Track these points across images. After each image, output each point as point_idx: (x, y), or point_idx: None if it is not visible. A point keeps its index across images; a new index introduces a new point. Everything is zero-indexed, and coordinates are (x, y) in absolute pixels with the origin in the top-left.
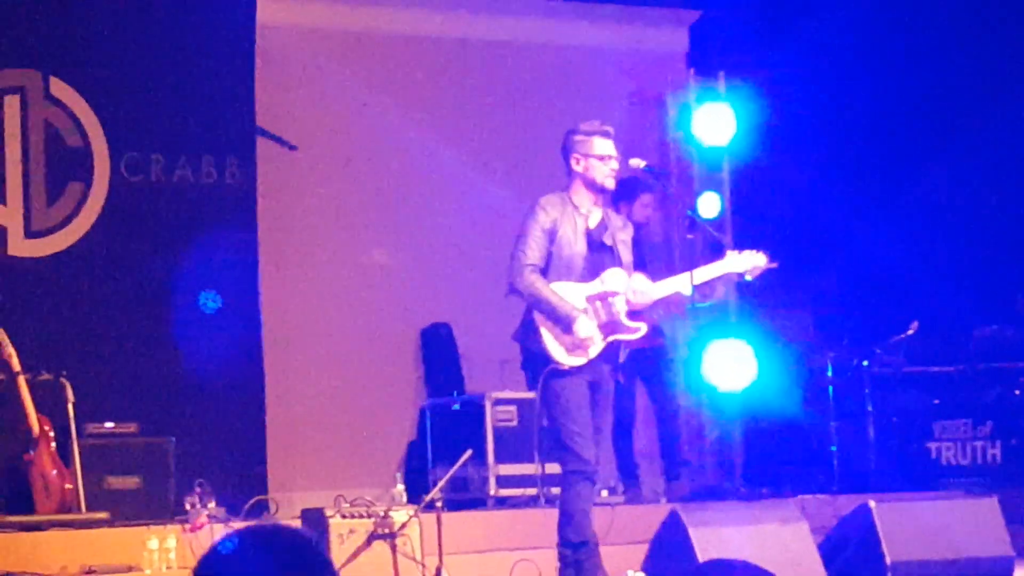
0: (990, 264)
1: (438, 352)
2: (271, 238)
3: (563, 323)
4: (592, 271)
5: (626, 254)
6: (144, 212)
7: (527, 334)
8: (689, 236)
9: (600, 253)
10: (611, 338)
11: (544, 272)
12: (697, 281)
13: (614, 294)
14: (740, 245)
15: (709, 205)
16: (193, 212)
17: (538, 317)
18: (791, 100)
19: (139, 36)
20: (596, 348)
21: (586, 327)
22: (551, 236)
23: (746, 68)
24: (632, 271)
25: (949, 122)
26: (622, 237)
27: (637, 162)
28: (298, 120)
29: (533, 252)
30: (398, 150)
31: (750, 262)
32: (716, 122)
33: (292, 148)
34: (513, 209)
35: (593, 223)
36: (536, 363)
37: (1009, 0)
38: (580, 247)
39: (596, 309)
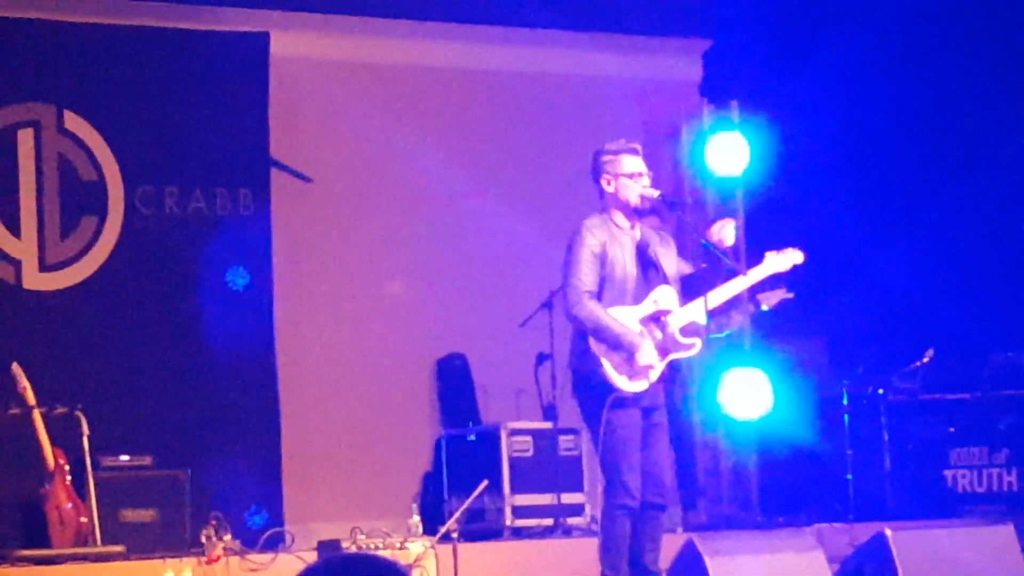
0: (1006, 290)
1: (453, 382)
2: (285, 270)
3: (626, 350)
4: (641, 291)
5: (670, 267)
6: (158, 245)
7: (585, 362)
8: (703, 266)
9: (647, 271)
10: (669, 358)
11: (598, 297)
12: (714, 304)
13: (667, 312)
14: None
15: (725, 235)
16: (207, 245)
17: (595, 344)
18: (804, 128)
19: (153, 69)
20: (656, 372)
21: (649, 353)
22: (602, 260)
23: (759, 97)
24: (676, 284)
25: (964, 148)
26: (663, 251)
27: (651, 192)
28: (312, 152)
29: (588, 277)
30: (412, 181)
31: (789, 260)
32: (730, 151)
33: (307, 180)
34: (529, 238)
35: (636, 242)
36: (596, 391)
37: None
38: (631, 268)
39: (651, 331)
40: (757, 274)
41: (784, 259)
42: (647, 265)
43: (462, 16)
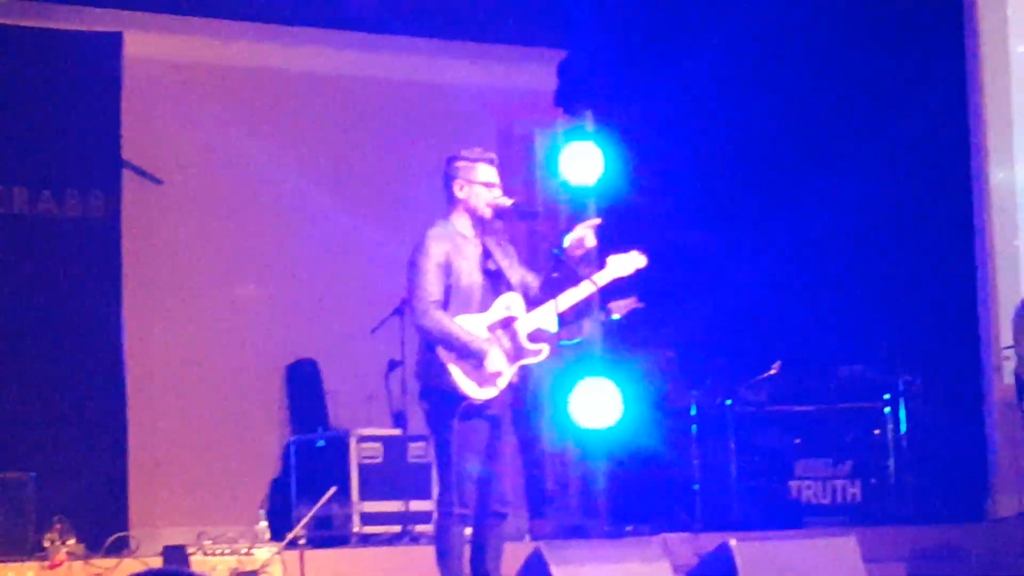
0: (853, 304)
1: (303, 388)
2: (136, 272)
3: (474, 358)
4: (487, 298)
5: (514, 276)
6: (7, 246)
7: (432, 371)
8: (555, 275)
9: (492, 279)
10: (518, 364)
11: (444, 306)
12: (563, 307)
13: (514, 319)
14: (606, 287)
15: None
16: (57, 245)
17: (443, 353)
18: (657, 138)
19: (3, 67)
20: (505, 379)
21: (497, 360)
22: (447, 269)
23: (613, 107)
24: (520, 291)
25: (813, 161)
26: (506, 259)
27: (504, 201)
28: (164, 154)
29: (433, 288)
30: (265, 185)
31: (632, 264)
32: (583, 160)
33: (158, 182)
34: (381, 245)
35: (480, 250)
36: (444, 400)
37: (872, 38)
38: (476, 276)
39: (499, 338)
40: (602, 279)
41: (627, 262)
42: (491, 273)
43: (319, 21)
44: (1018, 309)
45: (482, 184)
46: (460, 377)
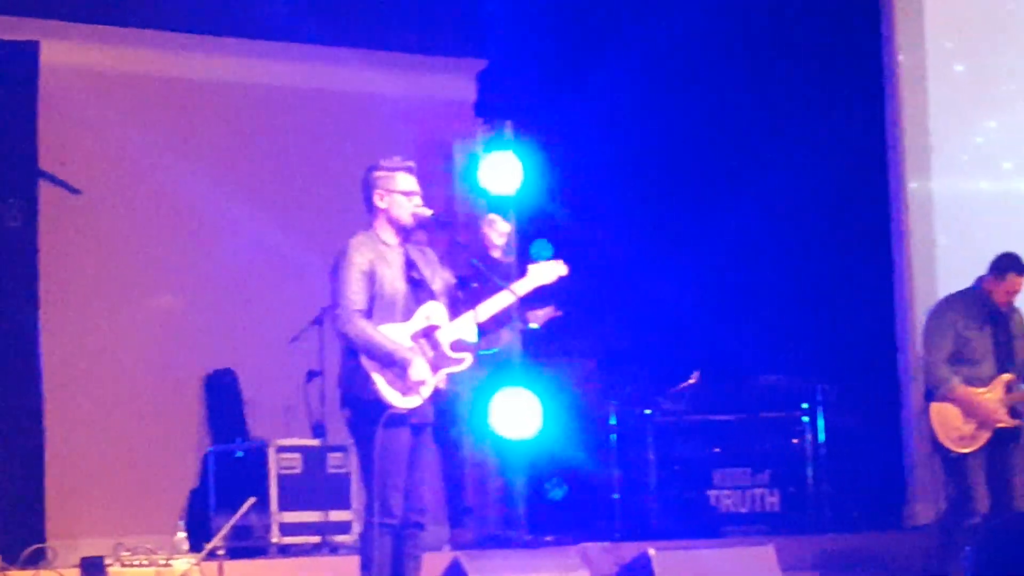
0: (771, 315)
1: (222, 398)
2: (53, 282)
3: (398, 366)
4: (411, 307)
5: (437, 283)
6: None
7: (356, 379)
8: (474, 285)
9: (415, 288)
10: (441, 373)
11: (368, 315)
12: (482, 317)
13: (437, 328)
14: (525, 296)
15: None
16: None
17: (367, 362)
18: (577, 148)
19: None
20: (429, 387)
21: (421, 369)
22: (371, 278)
23: (533, 117)
24: (444, 300)
25: (731, 172)
26: (429, 267)
27: (424, 211)
28: (82, 164)
29: (357, 296)
30: (183, 195)
31: (553, 272)
32: (503, 171)
33: (75, 192)
34: (300, 255)
35: (403, 259)
36: (368, 409)
37: (790, 48)
38: (400, 285)
39: (423, 347)
40: (521, 288)
41: (547, 271)
42: (415, 281)
43: (237, 30)
44: (927, 316)
45: (402, 193)
46: (384, 386)
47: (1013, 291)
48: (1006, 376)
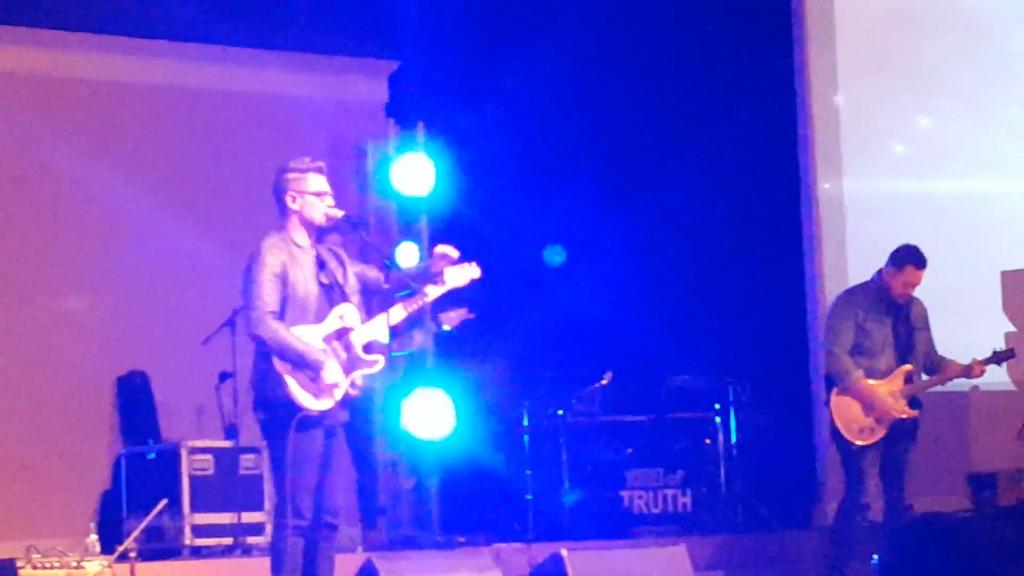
0: (683, 315)
1: (134, 400)
2: None
3: (311, 368)
4: (323, 309)
5: (350, 286)
6: None
7: (268, 381)
8: (386, 286)
9: (328, 290)
10: (353, 375)
11: (280, 317)
12: (395, 319)
13: (350, 330)
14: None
15: (407, 256)
16: None
17: (279, 364)
18: (489, 150)
19: None
20: (342, 389)
21: (334, 371)
22: (283, 279)
23: (445, 119)
24: (356, 300)
25: (641, 173)
26: (341, 269)
27: (336, 212)
28: None
29: (269, 297)
30: (92, 196)
31: (467, 275)
32: (415, 172)
33: None
34: (211, 256)
35: (315, 261)
36: (280, 411)
37: (699, 50)
38: (312, 286)
39: (335, 348)
40: (436, 291)
41: (462, 274)
42: (327, 283)
43: (147, 31)
44: (829, 308)
45: (313, 194)
46: (296, 388)
47: (911, 283)
48: (905, 367)
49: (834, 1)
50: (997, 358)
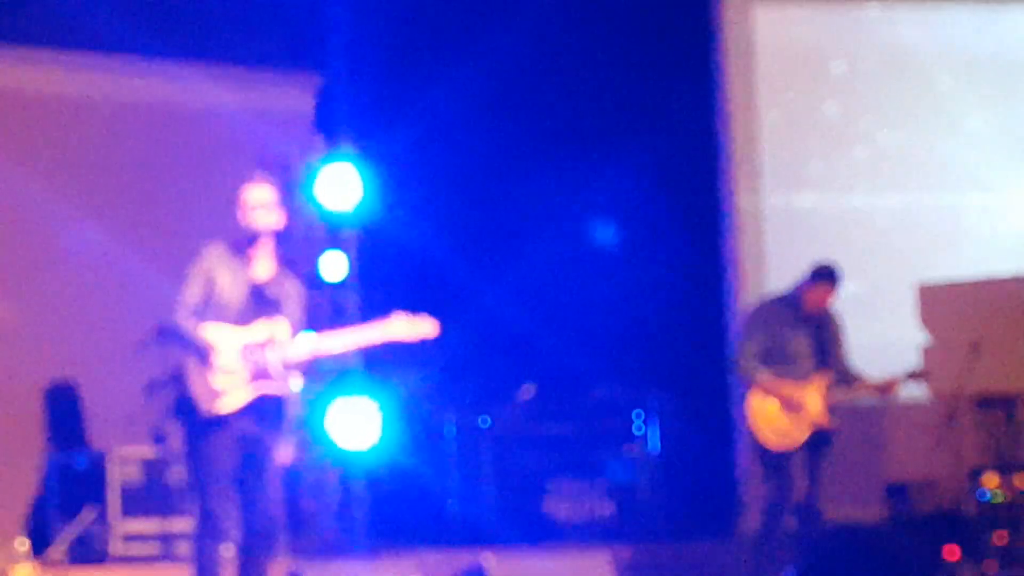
0: (605, 325)
1: (63, 407)
2: None
3: (202, 356)
4: (248, 316)
5: (291, 309)
6: None
7: (178, 385)
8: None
9: (262, 303)
10: (264, 387)
11: (204, 316)
12: (327, 348)
13: (272, 343)
14: (367, 307)
15: (334, 268)
16: None
17: (189, 364)
18: (414, 163)
19: None
20: (243, 395)
21: (228, 374)
22: (209, 282)
23: (371, 132)
24: (298, 327)
25: (563, 185)
26: (291, 293)
27: (266, 224)
28: None
29: (190, 293)
30: (21, 206)
31: (419, 331)
32: (341, 185)
33: None
34: (140, 265)
35: (259, 273)
36: (193, 413)
37: (620, 62)
38: (237, 293)
39: (252, 355)
40: (381, 336)
41: (413, 327)
42: (262, 298)
43: (70, 43)
44: (744, 314)
45: (245, 206)
46: (199, 388)
47: (822, 299)
48: (824, 377)
49: (755, 21)
50: (910, 376)
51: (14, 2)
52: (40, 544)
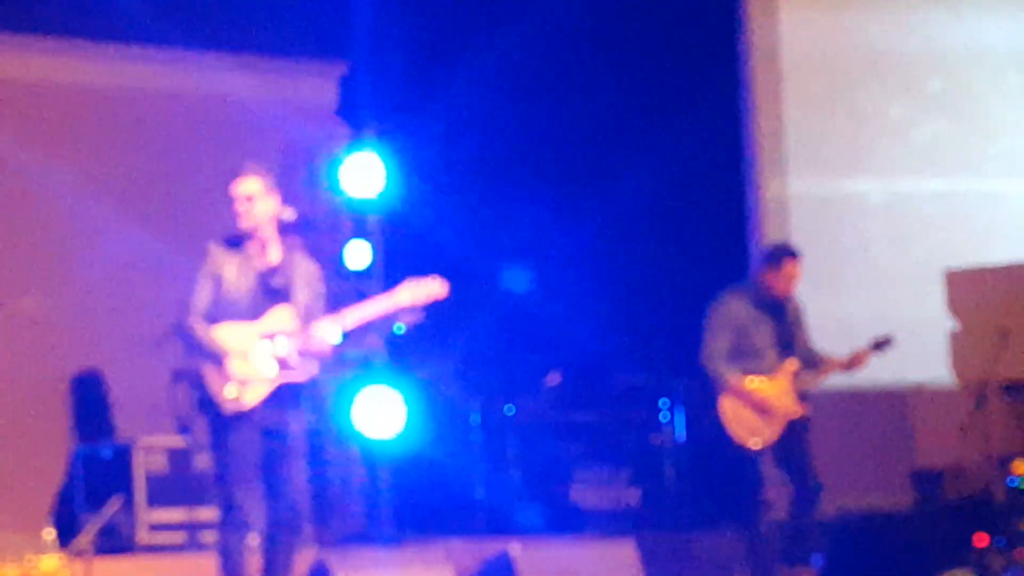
0: (631, 312)
1: (89, 398)
2: None
3: (216, 361)
4: (260, 310)
5: (302, 295)
6: None
7: (197, 378)
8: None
9: (270, 293)
10: (282, 378)
11: (215, 315)
12: (347, 325)
13: (285, 332)
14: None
15: (358, 256)
16: None
17: (205, 368)
18: (439, 151)
19: None
20: (258, 391)
21: (246, 372)
22: (216, 280)
23: (395, 120)
24: (313, 313)
25: (589, 173)
26: (301, 277)
27: (287, 215)
28: None
29: (199, 296)
30: (46, 197)
31: (429, 291)
32: (365, 173)
33: None
34: (164, 256)
35: (264, 263)
36: (205, 408)
37: (645, 51)
38: (243, 285)
39: (266, 348)
40: (392, 303)
41: (423, 289)
42: (269, 288)
43: (96, 34)
44: (708, 311)
45: (234, 198)
46: (216, 385)
47: (792, 276)
48: (790, 365)
49: (781, 10)
50: (876, 346)
51: None
52: (66, 534)
